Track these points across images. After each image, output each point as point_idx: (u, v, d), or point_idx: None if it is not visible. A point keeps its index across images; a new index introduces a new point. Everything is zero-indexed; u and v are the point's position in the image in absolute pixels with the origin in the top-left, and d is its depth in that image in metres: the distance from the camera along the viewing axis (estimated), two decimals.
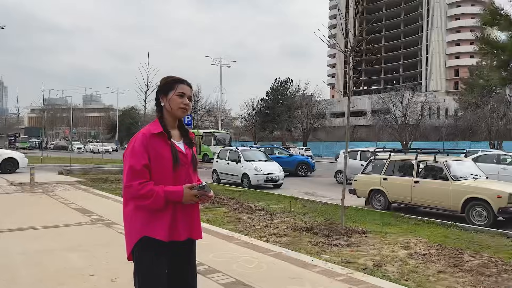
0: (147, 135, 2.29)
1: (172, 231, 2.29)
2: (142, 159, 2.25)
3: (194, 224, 2.40)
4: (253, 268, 4.49)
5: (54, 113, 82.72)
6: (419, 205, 9.55)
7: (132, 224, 2.29)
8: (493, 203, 8.00)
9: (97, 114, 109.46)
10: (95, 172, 17.97)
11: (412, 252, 5.64)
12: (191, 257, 2.47)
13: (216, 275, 4.21)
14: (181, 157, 2.34)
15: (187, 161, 2.39)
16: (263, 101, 59.07)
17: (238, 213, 8.57)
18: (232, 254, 5.01)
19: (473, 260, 5.27)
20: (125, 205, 2.34)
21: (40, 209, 8.41)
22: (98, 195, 10.76)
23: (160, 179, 2.27)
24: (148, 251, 2.25)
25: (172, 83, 2.40)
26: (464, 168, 9.32)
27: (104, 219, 7.31)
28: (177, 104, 2.38)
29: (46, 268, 4.45)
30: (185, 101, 2.40)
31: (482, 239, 6.62)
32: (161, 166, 2.28)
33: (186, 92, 2.40)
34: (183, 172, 2.35)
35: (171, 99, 2.37)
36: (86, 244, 5.53)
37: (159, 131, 2.32)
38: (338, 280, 4.15)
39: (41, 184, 13.04)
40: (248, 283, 4.04)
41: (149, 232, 2.25)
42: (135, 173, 2.23)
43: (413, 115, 41.28)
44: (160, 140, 2.31)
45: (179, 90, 2.38)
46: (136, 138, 2.33)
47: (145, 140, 2.28)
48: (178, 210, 2.31)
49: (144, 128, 2.38)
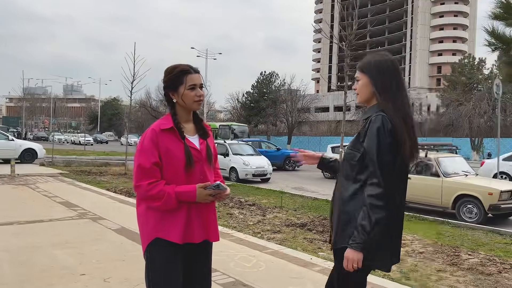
0: (156, 130, 2.11)
1: (186, 233, 2.12)
2: (151, 156, 2.07)
3: (210, 225, 2.23)
4: (251, 267, 4.33)
5: (34, 102, 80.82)
6: (410, 201, 9.52)
7: (145, 224, 2.14)
8: (484, 200, 8.03)
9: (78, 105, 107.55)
10: (78, 164, 17.52)
11: (409, 249, 5.58)
12: (206, 261, 2.30)
13: (214, 274, 4.00)
14: (194, 154, 2.16)
15: (202, 157, 2.20)
16: (248, 94, 58.75)
17: (229, 208, 8.40)
18: (228, 251, 4.84)
19: (471, 258, 5.23)
20: (137, 204, 2.19)
21: (22, 202, 8.07)
22: (83, 188, 10.43)
23: (172, 178, 2.10)
24: (160, 253, 2.09)
25: (179, 75, 2.17)
26: (455, 165, 9.34)
27: (91, 214, 7.04)
28: (191, 98, 2.18)
29: (32, 267, 4.20)
30: (198, 92, 2.19)
31: (475, 237, 6.61)
32: (173, 165, 2.11)
33: (197, 82, 2.20)
34: (198, 170, 2.17)
35: (183, 95, 2.17)
36: (73, 240, 5.28)
37: (169, 126, 2.13)
38: None
39: (22, 176, 12.60)
40: (248, 283, 3.89)
41: (162, 233, 2.09)
42: (144, 172, 2.06)
43: None
44: (171, 137, 2.12)
45: (189, 83, 2.16)
46: (145, 134, 2.15)
47: (155, 136, 2.10)
48: (193, 210, 2.14)
49: (154, 123, 2.20)
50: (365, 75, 2.08)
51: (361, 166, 1.99)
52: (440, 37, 75.32)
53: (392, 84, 2.05)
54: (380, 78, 2.05)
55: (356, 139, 2.04)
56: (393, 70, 2.08)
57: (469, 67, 50.67)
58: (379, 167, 1.90)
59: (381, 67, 2.07)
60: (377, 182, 1.89)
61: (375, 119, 1.94)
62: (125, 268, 4.23)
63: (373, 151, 1.91)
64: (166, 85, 2.20)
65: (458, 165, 9.41)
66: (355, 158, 2.01)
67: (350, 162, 2.04)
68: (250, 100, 58.12)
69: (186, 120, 2.24)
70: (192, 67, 2.23)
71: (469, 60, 51.80)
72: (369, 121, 1.98)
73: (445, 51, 74.27)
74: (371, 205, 1.88)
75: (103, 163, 18.16)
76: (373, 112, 2.02)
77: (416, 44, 76.22)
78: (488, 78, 43.20)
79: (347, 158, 2.07)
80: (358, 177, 1.99)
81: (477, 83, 46.89)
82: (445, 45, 74.33)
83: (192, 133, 2.23)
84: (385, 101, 2.00)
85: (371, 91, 2.07)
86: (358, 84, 2.13)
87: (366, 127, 1.97)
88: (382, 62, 2.08)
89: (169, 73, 2.20)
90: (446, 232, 6.85)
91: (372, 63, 2.09)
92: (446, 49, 74.10)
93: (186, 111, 2.23)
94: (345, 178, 2.06)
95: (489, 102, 37.84)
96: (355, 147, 2.03)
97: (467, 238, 6.46)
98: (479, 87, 45.35)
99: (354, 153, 2.02)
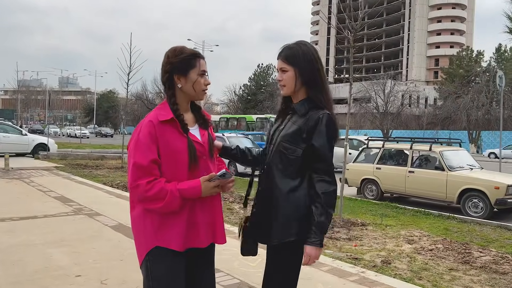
0: (154, 122, 1.82)
1: (189, 237, 1.87)
2: (149, 153, 1.79)
3: (216, 226, 2.00)
4: (256, 267, 4.12)
5: (29, 95, 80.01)
6: (413, 195, 9.37)
7: (141, 231, 1.86)
8: (491, 194, 7.85)
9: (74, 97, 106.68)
10: (74, 157, 17.20)
11: (418, 246, 5.38)
12: (210, 266, 2.07)
13: (218, 275, 3.79)
14: (198, 148, 1.90)
15: (205, 151, 1.95)
16: (245, 87, 58.48)
17: (229, 202, 8.18)
18: (231, 250, 4.61)
19: (483, 256, 5.04)
20: (131, 208, 1.91)
21: (16, 197, 7.81)
22: (79, 182, 10.18)
23: (173, 177, 1.84)
24: (161, 263, 1.83)
25: (191, 58, 1.91)
26: (460, 158, 9.15)
27: (87, 209, 6.80)
28: (201, 87, 1.93)
29: (24, 267, 3.96)
30: (207, 81, 1.95)
31: (484, 232, 6.43)
32: (174, 162, 1.84)
33: (206, 69, 1.96)
34: (202, 166, 1.92)
35: (196, 81, 1.90)
36: (69, 238, 5.05)
37: (169, 117, 1.85)
38: (351, 281, 3.83)
39: (16, 169, 12.32)
40: (254, 284, 3.68)
41: (161, 241, 1.82)
42: (141, 171, 1.77)
43: (394, 104, 41.45)
44: (171, 129, 1.85)
45: (201, 68, 1.92)
46: (141, 126, 1.85)
47: (153, 129, 1.81)
48: (197, 209, 1.88)
49: (151, 113, 1.90)
50: (293, 67, 2.01)
51: (302, 162, 1.96)
52: (438, 30, 75.09)
53: (321, 76, 2.03)
54: (310, 70, 2.00)
55: (297, 134, 1.96)
56: (319, 60, 2.05)
57: (467, 59, 50.52)
58: (331, 165, 1.95)
59: (309, 58, 2.02)
60: (330, 180, 1.93)
61: (323, 118, 1.93)
62: (123, 268, 4.00)
63: (325, 150, 1.93)
64: (174, 67, 1.90)
65: (463, 159, 9.22)
66: (296, 153, 1.96)
67: (288, 157, 1.97)
68: (247, 92, 57.85)
69: (185, 109, 1.98)
70: (200, 52, 1.99)
71: (467, 52, 51.62)
72: (317, 119, 1.94)
73: (443, 44, 74.09)
74: (327, 203, 1.91)
75: (99, 156, 17.87)
76: (309, 106, 2.00)
77: (414, 36, 75.94)
78: (486, 70, 42.96)
79: (284, 151, 1.99)
80: (298, 173, 1.97)
81: (475, 75, 46.71)
82: (443, 38, 74.11)
83: (191, 123, 1.97)
84: (316, 94, 2.00)
85: (299, 83, 2.01)
86: (284, 75, 2.03)
87: (310, 125, 1.94)
88: (309, 52, 2.03)
89: (180, 53, 1.91)
90: (453, 228, 6.67)
91: (301, 54, 2.01)
92: (443, 41, 73.91)
93: (187, 99, 1.98)
94: (281, 172, 1.99)
95: (487, 95, 37.73)
96: (295, 142, 1.96)
97: (475, 234, 6.28)
98: (477, 80, 45.17)
99: (294, 148, 1.96)
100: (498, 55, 48.86)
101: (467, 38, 74.98)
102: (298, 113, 2.00)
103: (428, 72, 76.34)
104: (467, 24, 76.05)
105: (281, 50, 2.07)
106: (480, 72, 44.32)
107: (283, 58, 2.03)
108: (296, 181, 1.96)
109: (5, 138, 16.19)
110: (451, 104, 39.35)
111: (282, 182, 1.97)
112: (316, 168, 1.95)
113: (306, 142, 1.94)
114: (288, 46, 2.06)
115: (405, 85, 47.55)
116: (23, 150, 16.48)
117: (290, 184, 1.96)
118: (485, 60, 49.86)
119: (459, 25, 74.95)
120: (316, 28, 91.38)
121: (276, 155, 2.01)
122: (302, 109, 2.00)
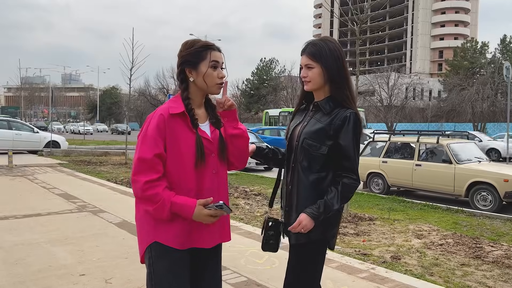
0: (165, 116, 1.76)
1: (191, 237, 1.80)
2: (155, 147, 1.73)
3: (224, 225, 1.93)
4: (264, 264, 4.03)
5: (32, 92, 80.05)
6: (420, 189, 9.25)
7: (142, 224, 1.82)
8: (500, 187, 7.72)
9: (77, 94, 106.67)
10: (78, 153, 17.17)
11: (427, 241, 5.28)
12: (217, 266, 1.99)
13: (225, 273, 3.71)
14: (206, 145, 1.82)
15: (214, 149, 1.87)
16: (248, 82, 58.20)
17: (234, 198, 8.10)
18: (237, 247, 4.55)
19: (494, 250, 4.93)
20: (136, 208, 1.86)
21: (19, 195, 7.76)
22: (82, 179, 10.12)
23: (180, 174, 1.77)
24: (162, 259, 1.77)
25: (202, 50, 1.83)
26: (468, 151, 9.01)
27: (91, 206, 6.73)
28: (213, 79, 1.84)
29: (28, 266, 3.89)
30: (221, 73, 1.86)
31: (494, 226, 6.32)
32: (180, 157, 1.77)
33: (220, 60, 1.87)
34: (210, 164, 1.84)
35: (206, 74, 1.82)
36: (72, 236, 4.98)
37: (180, 111, 1.79)
38: (362, 278, 3.73)
39: (20, 166, 12.29)
40: (261, 282, 3.59)
41: (159, 236, 1.77)
42: (144, 165, 1.72)
43: (398, 97, 41.16)
44: (180, 124, 1.78)
45: (212, 59, 1.83)
46: (151, 118, 1.80)
47: (162, 123, 1.75)
48: None
49: (162, 105, 1.85)
50: (319, 63, 1.99)
51: (327, 159, 1.96)
52: (442, 21, 74.36)
53: (346, 74, 2.03)
54: (336, 67, 2.00)
55: (322, 132, 1.97)
56: (343, 58, 2.04)
57: (471, 51, 49.93)
58: (356, 164, 1.96)
59: (336, 55, 2.01)
60: (355, 178, 1.95)
61: (350, 117, 1.94)
62: (127, 266, 3.92)
63: (351, 149, 1.93)
64: (184, 60, 1.85)
65: (471, 151, 9.08)
66: (321, 150, 1.96)
67: (313, 154, 1.98)
68: (250, 87, 57.62)
69: (199, 104, 1.90)
70: (215, 44, 1.90)
71: (471, 44, 51.01)
72: (344, 118, 1.94)
73: (447, 35, 73.40)
74: (343, 192, 1.92)
75: (103, 153, 17.83)
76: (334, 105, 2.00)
77: (417, 28, 75.30)
78: (491, 62, 42.50)
79: (308, 148, 1.99)
80: (322, 169, 1.98)
81: (480, 67, 46.28)
82: (447, 29, 73.41)
83: (203, 119, 1.90)
84: (342, 92, 1.99)
85: (325, 80, 2.01)
86: (310, 71, 2.02)
87: (337, 123, 1.94)
88: (336, 50, 2.02)
89: (190, 46, 1.85)
90: (463, 222, 6.55)
91: (328, 51, 2.00)
92: (448, 33, 73.20)
93: (201, 94, 1.90)
94: (306, 169, 1.99)
95: (492, 86, 37.37)
96: (319, 140, 1.97)
97: (485, 228, 6.16)
98: (482, 72, 44.76)
99: (319, 145, 1.97)
100: (503, 46, 48.24)
101: (472, 29, 74.26)
102: (323, 111, 2.01)
103: (432, 64, 75.74)
104: (471, 15, 75.28)
105: (305, 46, 2.06)
106: (485, 63, 43.90)
107: (309, 55, 2.02)
108: (321, 177, 1.97)
109: (18, 135, 16.51)
110: (456, 96, 39.00)
111: (307, 179, 1.98)
112: (341, 165, 1.95)
113: (333, 140, 1.95)
114: (313, 43, 2.05)
115: (409, 77, 47.23)
116: (35, 148, 16.73)
117: (315, 181, 1.97)
118: (490, 51, 49.27)
119: (463, 17, 74.21)
120: (318, 22, 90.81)
121: (301, 152, 2.01)
122: (327, 107, 2.00)
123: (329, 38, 2.09)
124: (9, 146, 15.46)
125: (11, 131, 16.42)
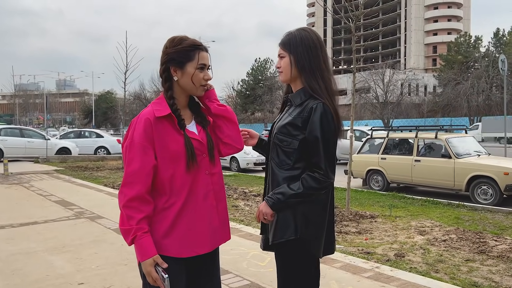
0: (151, 120, 1.67)
1: (189, 245, 1.72)
2: (144, 155, 1.65)
3: (224, 226, 1.86)
4: (266, 266, 3.96)
5: (27, 99, 79.66)
6: (420, 184, 9.20)
7: None
8: (500, 180, 7.68)
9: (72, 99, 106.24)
10: (74, 159, 17.05)
11: (430, 237, 5.22)
12: (213, 269, 1.89)
13: (227, 276, 3.65)
14: (196, 146, 1.75)
15: (204, 149, 1.79)
16: (244, 82, 58.07)
17: (234, 199, 8.02)
18: (239, 249, 4.47)
19: (499, 244, 4.88)
20: None
21: (15, 203, 7.65)
22: (79, 185, 10.02)
23: (174, 179, 1.70)
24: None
25: (190, 50, 1.74)
26: (466, 145, 8.97)
27: (89, 212, 6.64)
28: (199, 81, 1.76)
29: (25, 276, 3.80)
30: (207, 75, 1.78)
31: (496, 220, 6.27)
32: (171, 162, 1.70)
33: (207, 62, 1.79)
34: (202, 164, 1.77)
35: (193, 75, 1.74)
36: (70, 243, 4.89)
37: (166, 113, 1.70)
38: (366, 277, 3.66)
39: (16, 174, 12.17)
40: (264, 285, 3.51)
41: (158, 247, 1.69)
42: (132, 177, 1.64)
43: (394, 93, 41.17)
44: (168, 126, 1.70)
45: (200, 61, 1.75)
46: (134, 124, 1.70)
47: (149, 127, 1.66)
48: (199, 214, 1.74)
49: (146, 108, 1.75)
50: (290, 53, 1.91)
51: (300, 155, 1.86)
52: (435, 17, 74.54)
53: (319, 64, 1.90)
54: (307, 57, 1.89)
55: (291, 125, 1.86)
56: (319, 47, 1.92)
57: (465, 45, 50.00)
58: (324, 159, 1.81)
59: (307, 44, 1.90)
60: (322, 174, 1.80)
61: (316, 108, 1.81)
62: (127, 273, 3.84)
63: (318, 143, 1.80)
64: (170, 58, 1.75)
65: (470, 145, 9.04)
66: (292, 145, 1.86)
67: (284, 149, 1.88)
68: (246, 88, 57.51)
69: (183, 104, 1.82)
70: (202, 44, 1.81)
71: (465, 38, 51.10)
72: (310, 109, 1.83)
73: (440, 31, 73.57)
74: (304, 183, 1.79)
75: (100, 158, 17.72)
76: (306, 97, 1.88)
77: (411, 24, 75.43)
78: (485, 56, 42.59)
79: (279, 144, 1.89)
80: (295, 166, 1.86)
81: (474, 61, 46.35)
82: (440, 25, 73.58)
83: (188, 120, 1.82)
84: (313, 83, 1.87)
85: (296, 70, 1.91)
86: (282, 61, 1.95)
87: (305, 115, 1.83)
88: (308, 38, 1.91)
89: (178, 44, 1.75)
90: (465, 216, 6.50)
91: (298, 40, 1.90)
92: (441, 28, 73.37)
93: (186, 94, 1.81)
94: (278, 166, 1.89)
95: (487, 80, 37.46)
96: (289, 134, 1.87)
97: (488, 222, 6.11)
98: (476, 66, 44.82)
99: (289, 140, 1.87)
100: (497, 40, 48.40)
101: (464, 24, 74.46)
102: (294, 103, 1.92)
103: (427, 60, 75.88)
104: (464, 10, 75.48)
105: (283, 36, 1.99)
106: (479, 57, 43.95)
107: (280, 44, 1.96)
108: (294, 175, 1.85)
109: (30, 143, 16.76)
110: (451, 91, 39.06)
111: (280, 176, 1.88)
112: (310, 162, 1.83)
113: (303, 133, 1.84)
114: (287, 32, 1.98)
115: (404, 73, 47.19)
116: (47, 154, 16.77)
117: (287, 178, 1.86)
118: (484, 45, 49.40)
119: (456, 11, 74.39)
120: (312, 20, 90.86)
121: (274, 148, 1.93)
122: (298, 99, 1.91)
123: (306, 28, 1.99)
124: (22, 153, 15.95)
125: (23, 139, 16.78)
